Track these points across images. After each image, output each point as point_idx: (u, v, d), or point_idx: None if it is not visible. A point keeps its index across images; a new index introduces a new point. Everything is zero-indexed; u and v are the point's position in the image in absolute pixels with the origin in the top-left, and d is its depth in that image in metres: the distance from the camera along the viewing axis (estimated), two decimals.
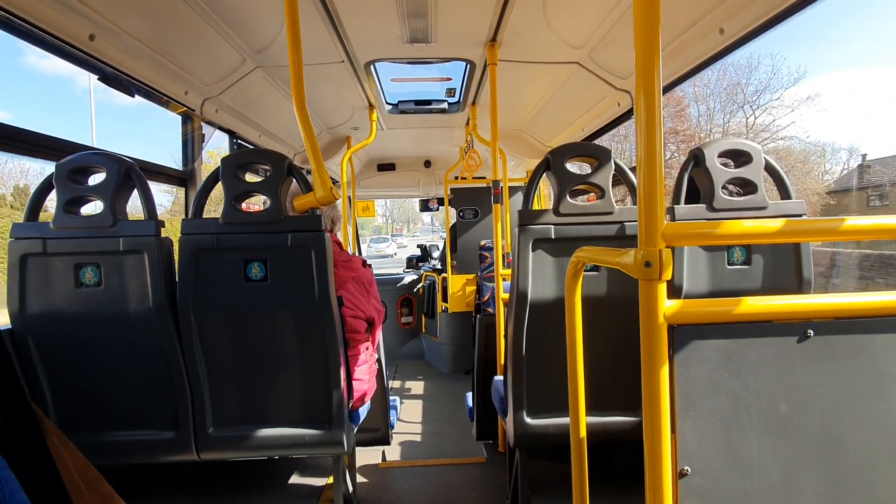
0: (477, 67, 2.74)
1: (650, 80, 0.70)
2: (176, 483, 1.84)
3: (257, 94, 2.70)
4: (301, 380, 1.58)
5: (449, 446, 2.90)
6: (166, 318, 1.50)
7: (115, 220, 1.49)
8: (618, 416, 1.62)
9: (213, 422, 1.58)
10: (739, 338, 0.82)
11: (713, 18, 1.83)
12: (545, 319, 1.57)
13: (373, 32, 2.26)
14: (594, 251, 0.92)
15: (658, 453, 0.73)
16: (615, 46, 2.32)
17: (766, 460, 0.81)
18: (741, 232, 0.77)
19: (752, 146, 1.49)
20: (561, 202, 1.57)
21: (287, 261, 1.51)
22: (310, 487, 1.83)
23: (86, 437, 1.53)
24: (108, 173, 1.50)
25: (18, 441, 0.47)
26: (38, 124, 46.78)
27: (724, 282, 1.49)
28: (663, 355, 0.73)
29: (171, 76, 2.12)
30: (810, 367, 0.82)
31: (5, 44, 40.64)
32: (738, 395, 0.81)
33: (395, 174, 5.15)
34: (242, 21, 2.05)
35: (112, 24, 1.68)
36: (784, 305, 0.79)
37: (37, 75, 41.33)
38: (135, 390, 1.56)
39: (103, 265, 1.49)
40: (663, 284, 0.73)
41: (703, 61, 2.03)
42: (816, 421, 0.82)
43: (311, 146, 1.56)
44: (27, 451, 0.48)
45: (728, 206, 1.48)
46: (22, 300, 1.47)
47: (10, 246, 1.47)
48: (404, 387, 4.21)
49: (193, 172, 2.47)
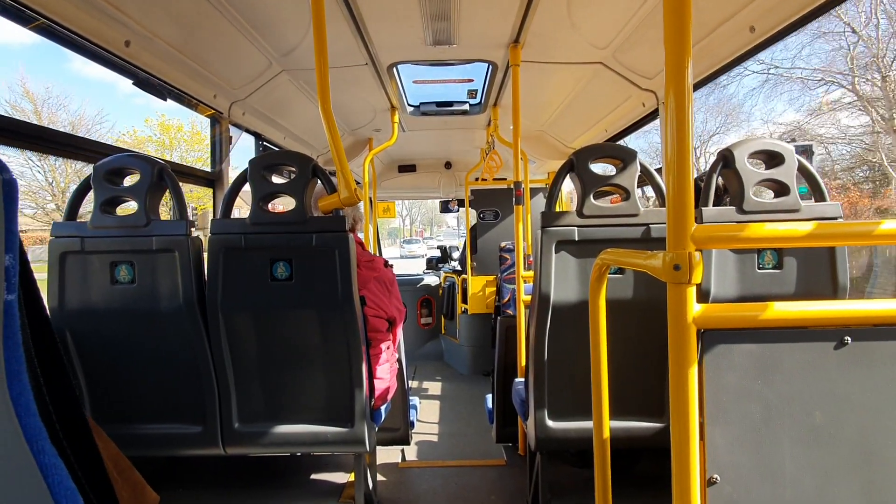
0: (499, 69, 2.73)
1: (680, 79, 0.69)
2: (202, 476, 1.89)
3: (283, 96, 2.75)
4: (324, 377, 1.60)
5: (468, 448, 2.89)
6: (195, 315, 1.54)
7: (149, 219, 1.54)
8: (642, 421, 1.59)
9: (238, 417, 1.61)
10: (771, 343, 0.79)
11: (744, 16, 1.78)
12: (568, 322, 1.56)
13: (396, 35, 2.29)
14: (620, 253, 0.91)
15: (686, 460, 0.72)
16: (640, 46, 2.28)
17: (800, 471, 0.79)
18: (773, 235, 0.75)
19: (784, 146, 1.45)
20: (585, 204, 1.56)
21: (312, 261, 1.54)
22: (331, 484, 1.85)
23: (118, 428, 1.58)
24: (142, 175, 1.56)
25: (66, 430, 0.49)
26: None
27: (754, 286, 1.44)
28: (692, 360, 0.71)
29: (200, 80, 2.19)
30: (847, 375, 0.79)
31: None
32: (771, 403, 0.79)
33: (416, 175, 5.17)
34: (270, 26, 2.09)
35: (147, 30, 1.74)
36: (819, 311, 0.76)
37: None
38: (164, 385, 1.61)
39: (137, 263, 1.54)
40: (692, 288, 0.71)
41: (732, 59, 1.98)
42: (854, 431, 0.79)
43: (336, 148, 1.59)
44: (74, 439, 0.50)
45: (759, 209, 1.43)
46: (61, 296, 1.53)
47: (50, 244, 1.53)
48: (423, 387, 4.22)
49: (221, 173, 2.53)
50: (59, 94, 29.36)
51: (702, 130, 27.89)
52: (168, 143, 20.75)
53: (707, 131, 27.51)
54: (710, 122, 26.56)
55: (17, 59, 35.92)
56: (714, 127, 26.89)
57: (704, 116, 26.54)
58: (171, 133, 20.73)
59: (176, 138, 21.02)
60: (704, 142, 26.73)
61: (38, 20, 1.43)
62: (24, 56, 36.40)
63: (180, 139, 21.34)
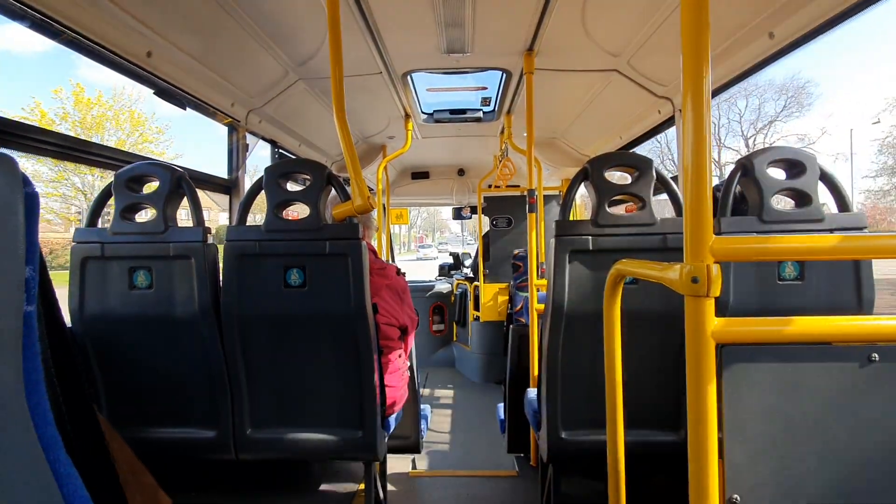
0: (513, 76, 2.73)
1: (698, 86, 0.68)
2: (213, 481, 1.90)
3: (298, 105, 2.79)
4: (336, 385, 1.60)
5: (479, 458, 2.87)
6: (210, 320, 1.56)
7: (167, 226, 1.56)
8: (657, 434, 1.56)
9: (251, 423, 1.62)
10: (794, 360, 0.77)
11: (763, 22, 1.76)
12: (581, 332, 1.53)
13: (411, 43, 2.30)
14: (635, 264, 0.89)
15: (704, 478, 0.69)
16: (656, 53, 2.26)
17: (824, 493, 0.76)
18: (796, 248, 0.73)
19: (806, 154, 1.41)
20: (600, 212, 1.54)
21: (325, 268, 1.54)
22: (342, 492, 1.85)
23: (132, 431, 1.60)
24: (160, 182, 1.59)
25: (81, 440, 0.50)
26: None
27: (775, 298, 1.41)
28: (711, 375, 0.69)
29: (219, 89, 2.23)
30: (875, 395, 0.76)
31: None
32: (794, 421, 0.76)
33: (429, 182, 5.19)
34: (287, 36, 2.13)
35: (167, 41, 1.79)
36: (845, 327, 0.73)
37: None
38: (179, 389, 1.63)
39: (154, 269, 1.56)
40: (711, 301, 0.69)
41: (751, 66, 1.95)
42: (882, 453, 0.76)
43: (350, 156, 1.60)
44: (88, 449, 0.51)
45: (780, 219, 1.40)
46: (81, 301, 1.56)
47: (72, 250, 1.57)
48: (434, 395, 4.21)
49: (238, 181, 2.57)
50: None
51: (755, 117, 25.63)
52: (91, 123, 16.14)
53: (764, 116, 25.35)
54: (767, 105, 24.97)
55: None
56: (774, 111, 24.91)
57: (757, 100, 24.72)
58: (94, 109, 15.98)
59: (103, 117, 16.31)
60: (760, 131, 24.64)
61: (66, 33, 1.48)
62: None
63: (118, 119, 16.68)
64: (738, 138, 25.77)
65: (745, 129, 25.67)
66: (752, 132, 25.42)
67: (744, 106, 25.92)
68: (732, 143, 26.36)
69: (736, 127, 26.68)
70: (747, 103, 25.59)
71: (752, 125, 25.44)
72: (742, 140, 25.88)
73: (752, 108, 26.59)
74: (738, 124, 26.36)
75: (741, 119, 26.79)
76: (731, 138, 26.51)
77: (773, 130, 24.81)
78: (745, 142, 26.04)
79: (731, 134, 26.67)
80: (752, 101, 25.16)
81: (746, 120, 26.25)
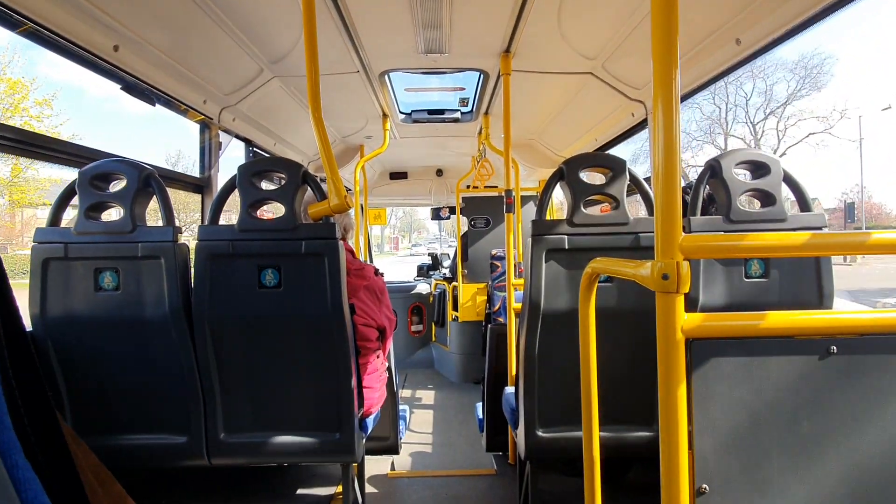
0: (490, 77, 2.75)
1: (668, 90, 0.70)
2: (187, 488, 1.85)
3: (273, 103, 2.74)
4: (312, 387, 1.58)
5: (458, 457, 2.87)
6: (181, 323, 1.52)
7: (135, 225, 1.51)
8: (632, 430, 1.59)
9: (224, 427, 1.58)
10: (759, 353, 0.80)
11: (730, 29, 1.82)
12: (558, 330, 1.56)
13: (388, 43, 2.29)
14: (609, 262, 0.91)
15: (675, 470, 0.71)
16: (629, 57, 2.32)
17: (788, 480, 0.79)
18: (762, 245, 0.76)
19: (770, 157, 1.47)
20: (575, 212, 1.56)
21: (301, 268, 1.52)
22: (319, 495, 1.82)
23: (99, 439, 1.54)
24: (128, 180, 1.53)
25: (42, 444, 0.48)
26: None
27: (742, 295, 1.46)
28: (681, 370, 0.72)
29: (190, 86, 2.17)
30: (833, 385, 0.80)
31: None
32: (759, 412, 0.79)
33: (407, 183, 5.18)
34: (261, 32, 2.09)
35: (136, 35, 1.73)
36: (806, 321, 0.77)
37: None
38: (148, 394, 1.58)
39: (122, 270, 1.51)
40: (681, 297, 0.71)
41: (719, 72, 2.01)
42: (840, 440, 0.79)
43: (327, 155, 1.58)
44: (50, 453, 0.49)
45: (746, 218, 1.45)
46: (43, 303, 1.50)
47: (32, 250, 1.50)
48: (414, 396, 4.19)
49: (210, 179, 2.51)
50: None
51: (762, 102, 23.95)
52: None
53: (774, 100, 23.86)
54: (780, 86, 23.53)
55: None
56: (786, 92, 23.45)
57: (767, 83, 23.17)
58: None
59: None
60: (773, 114, 23.14)
61: (26, 24, 1.41)
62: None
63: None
64: (748, 124, 24.53)
65: (753, 114, 24.46)
66: (762, 116, 24.30)
67: (751, 89, 24.45)
68: (739, 130, 25.02)
69: (743, 113, 25.19)
70: (754, 86, 24.20)
71: (762, 108, 24.29)
72: (750, 126, 24.53)
73: (760, 91, 24.76)
74: (750, 109, 24.88)
75: (747, 103, 25.22)
76: (738, 126, 25.16)
77: (786, 113, 23.57)
78: (751, 128, 24.66)
79: (738, 121, 25.31)
80: (758, 83, 23.80)
81: (753, 105, 25.00)
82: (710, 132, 25.85)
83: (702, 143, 25.86)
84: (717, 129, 25.55)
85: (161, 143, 56.50)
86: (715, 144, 25.54)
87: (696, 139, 26.19)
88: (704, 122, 25.87)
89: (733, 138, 25.30)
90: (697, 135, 26.20)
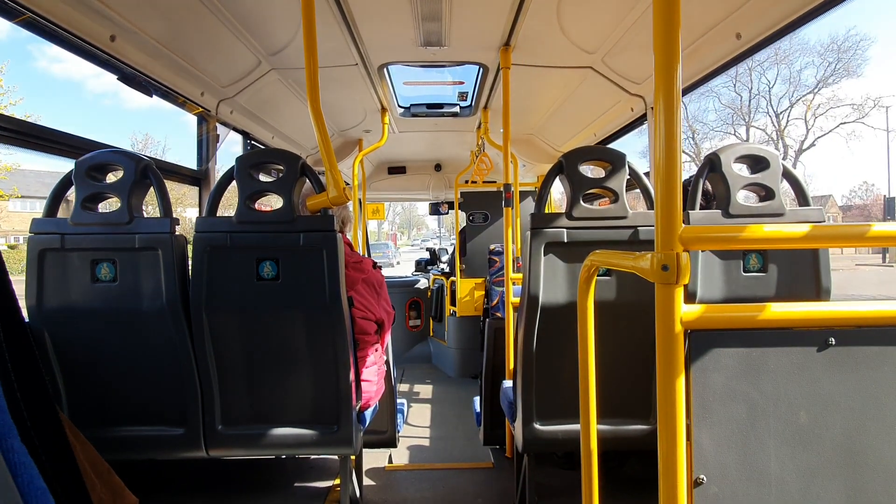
0: (490, 71, 2.74)
1: (669, 85, 0.70)
2: (185, 480, 1.85)
3: (271, 95, 2.73)
4: (310, 379, 1.58)
5: (456, 451, 2.88)
6: (179, 315, 1.51)
7: (132, 217, 1.51)
8: (629, 423, 1.60)
9: (222, 419, 1.58)
10: (758, 344, 0.80)
11: (730, 23, 1.81)
12: (556, 324, 1.56)
13: (387, 35, 2.28)
14: (608, 255, 0.91)
15: (673, 461, 0.72)
16: (629, 51, 2.31)
17: (785, 471, 0.80)
18: (761, 236, 0.76)
19: (769, 152, 1.47)
20: (574, 206, 1.56)
21: (299, 260, 1.52)
22: (316, 488, 1.83)
23: (97, 431, 1.54)
24: (125, 171, 1.52)
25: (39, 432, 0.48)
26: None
27: (740, 289, 1.46)
28: (679, 360, 0.72)
29: (188, 77, 2.15)
30: (831, 377, 0.80)
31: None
32: (757, 404, 0.80)
33: (406, 177, 5.16)
34: (259, 24, 2.07)
35: (133, 25, 1.71)
36: (805, 312, 0.77)
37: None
38: (146, 386, 1.57)
39: (119, 262, 1.50)
40: (680, 289, 0.71)
41: (719, 66, 2.01)
42: (838, 432, 0.80)
43: (325, 147, 1.57)
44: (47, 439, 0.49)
45: (744, 213, 1.46)
46: (39, 295, 1.49)
47: (28, 241, 1.49)
48: (412, 390, 4.20)
49: (208, 172, 2.50)
50: None
51: (786, 90, 22.56)
52: None
53: (803, 85, 22.17)
54: (808, 70, 21.89)
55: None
56: (814, 78, 21.87)
57: (792, 69, 21.88)
58: None
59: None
60: (800, 101, 21.45)
61: (24, 14, 1.40)
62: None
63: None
64: (769, 114, 23.10)
65: (777, 104, 22.90)
66: (787, 105, 22.83)
67: (774, 76, 22.81)
68: (761, 121, 23.51)
69: (765, 102, 23.75)
70: (778, 72, 22.64)
71: (787, 96, 22.82)
72: (772, 116, 22.96)
73: (784, 79, 23.11)
74: (773, 98, 23.38)
75: (770, 91, 23.73)
76: (761, 115, 23.66)
77: (815, 101, 21.91)
78: (774, 118, 23.04)
79: (761, 111, 23.81)
80: (782, 70, 22.30)
81: (776, 93, 23.52)
82: (731, 122, 24.41)
83: (722, 134, 24.50)
84: (737, 119, 24.15)
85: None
86: (737, 135, 24.21)
87: (714, 129, 24.81)
88: (724, 112, 24.63)
89: (755, 129, 24.06)
90: (716, 125, 24.90)
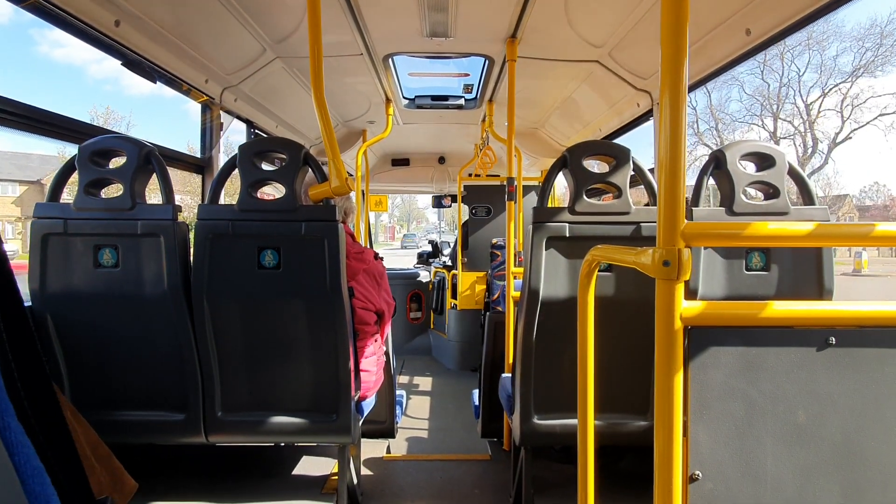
0: (495, 63, 2.72)
1: (676, 80, 0.69)
2: (183, 465, 1.87)
3: (276, 84, 2.72)
4: (310, 368, 1.59)
5: (453, 442, 2.90)
6: (180, 301, 1.52)
7: (134, 203, 1.51)
8: (627, 419, 1.60)
9: (222, 405, 1.59)
10: (757, 342, 0.80)
11: (740, 19, 1.79)
12: (556, 318, 1.56)
13: (393, 25, 2.26)
14: (610, 250, 0.90)
15: (669, 456, 0.72)
16: (636, 46, 2.28)
17: (781, 469, 0.80)
18: (762, 234, 0.75)
19: (775, 149, 1.46)
20: (577, 200, 1.55)
21: (300, 249, 1.52)
22: (314, 476, 1.84)
23: (98, 414, 1.55)
24: (128, 157, 1.52)
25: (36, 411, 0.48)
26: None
27: (742, 287, 1.46)
28: (678, 357, 0.71)
29: (192, 64, 2.14)
30: (831, 377, 0.80)
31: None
32: (755, 401, 0.79)
33: (409, 169, 5.15)
34: (264, 11, 2.06)
35: (138, 10, 1.71)
36: (805, 311, 0.77)
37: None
38: (147, 371, 1.59)
39: (121, 247, 1.51)
40: (681, 285, 0.71)
41: (728, 62, 1.99)
42: (836, 432, 0.80)
43: (329, 137, 1.57)
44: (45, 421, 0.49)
45: (748, 210, 1.45)
46: (42, 279, 1.50)
47: (32, 225, 1.50)
48: (411, 382, 4.22)
49: (211, 160, 2.49)
50: None
51: (817, 78, 20.77)
52: None
53: (836, 70, 20.60)
54: (843, 57, 20.38)
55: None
56: (850, 63, 20.25)
57: (824, 56, 19.77)
58: None
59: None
60: (835, 89, 19.89)
61: None
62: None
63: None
64: (796, 105, 21.52)
65: (806, 94, 21.25)
66: (819, 94, 21.45)
67: (805, 63, 21.00)
68: (789, 110, 22.00)
69: (793, 92, 22.17)
70: (809, 59, 20.97)
71: (819, 85, 21.52)
72: (801, 107, 21.35)
73: (815, 65, 21.30)
74: (802, 87, 21.75)
75: (800, 79, 22.06)
76: (790, 105, 22.12)
77: (851, 91, 20.35)
78: (802, 109, 21.35)
79: (789, 101, 22.31)
80: (814, 56, 20.65)
81: (806, 82, 21.95)
82: (759, 112, 22.82)
83: (748, 125, 23.03)
84: (765, 109, 22.70)
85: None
86: (764, 127, 22.73)
87: (737, 120, 23.34)
88: (748, 101, 23.12)
89: (782, 121, 22.62)
90: (740, 115, 23.63)
